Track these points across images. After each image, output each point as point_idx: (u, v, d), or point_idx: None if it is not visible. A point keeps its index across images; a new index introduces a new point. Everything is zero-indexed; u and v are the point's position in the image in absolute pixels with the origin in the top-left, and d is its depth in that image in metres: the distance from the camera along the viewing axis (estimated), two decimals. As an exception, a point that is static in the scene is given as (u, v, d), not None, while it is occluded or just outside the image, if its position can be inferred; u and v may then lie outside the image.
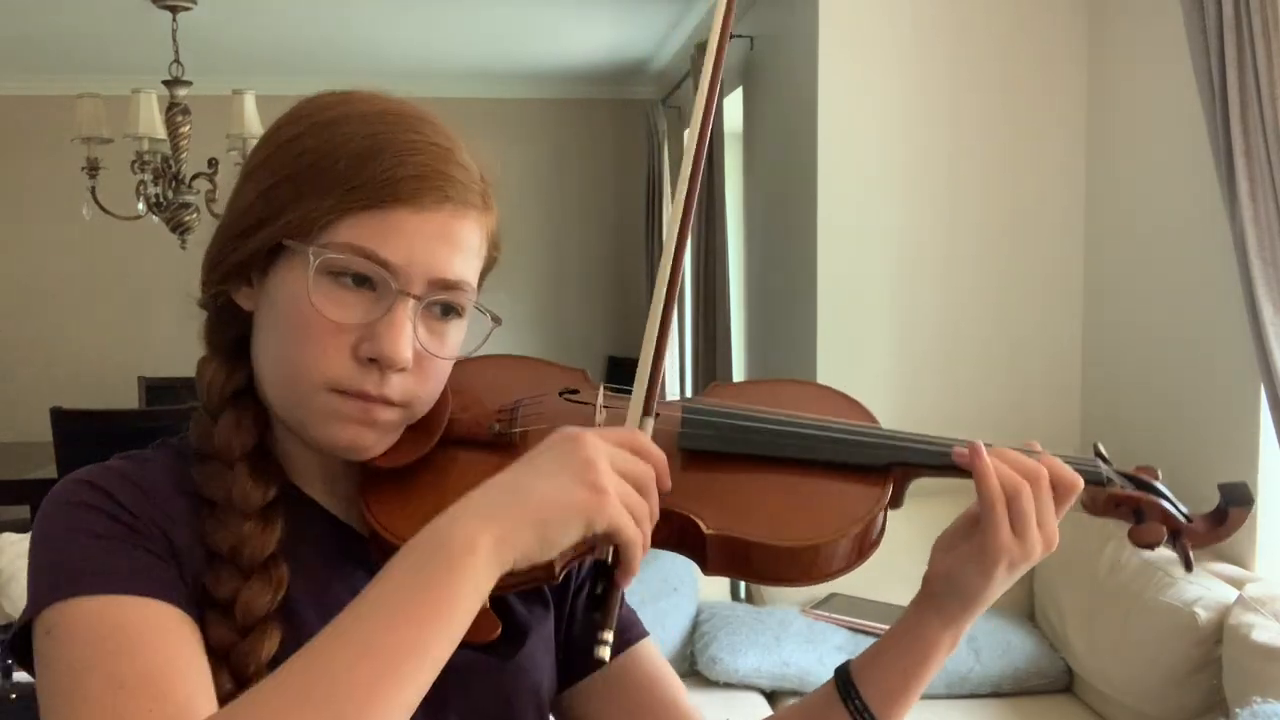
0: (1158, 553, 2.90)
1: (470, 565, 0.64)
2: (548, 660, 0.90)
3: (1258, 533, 2.57)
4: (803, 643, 2.80)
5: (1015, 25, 3.34)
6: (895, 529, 0.83)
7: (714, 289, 4.32)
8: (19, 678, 2.12)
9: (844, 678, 0.85)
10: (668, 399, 0.87)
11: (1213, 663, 2.35)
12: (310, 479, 0.84)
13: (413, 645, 0.62)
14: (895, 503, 0.83)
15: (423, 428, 0.82)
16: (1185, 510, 0.85)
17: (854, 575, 0.77)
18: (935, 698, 2.72)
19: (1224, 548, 2.63)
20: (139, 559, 0.71)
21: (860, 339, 3.35)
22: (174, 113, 4.07)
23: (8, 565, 2.59)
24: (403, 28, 5.15)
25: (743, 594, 3.35)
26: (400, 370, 0.76)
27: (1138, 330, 3.09)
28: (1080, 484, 0.80)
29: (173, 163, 4.14)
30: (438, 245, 0.76)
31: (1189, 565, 0.84)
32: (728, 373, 4.28)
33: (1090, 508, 0.85)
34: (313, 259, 0.74)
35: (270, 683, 0.62)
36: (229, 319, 0.82)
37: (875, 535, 0.81)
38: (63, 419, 4.07)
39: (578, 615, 0.93)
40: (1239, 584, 2.42)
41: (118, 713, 0.64)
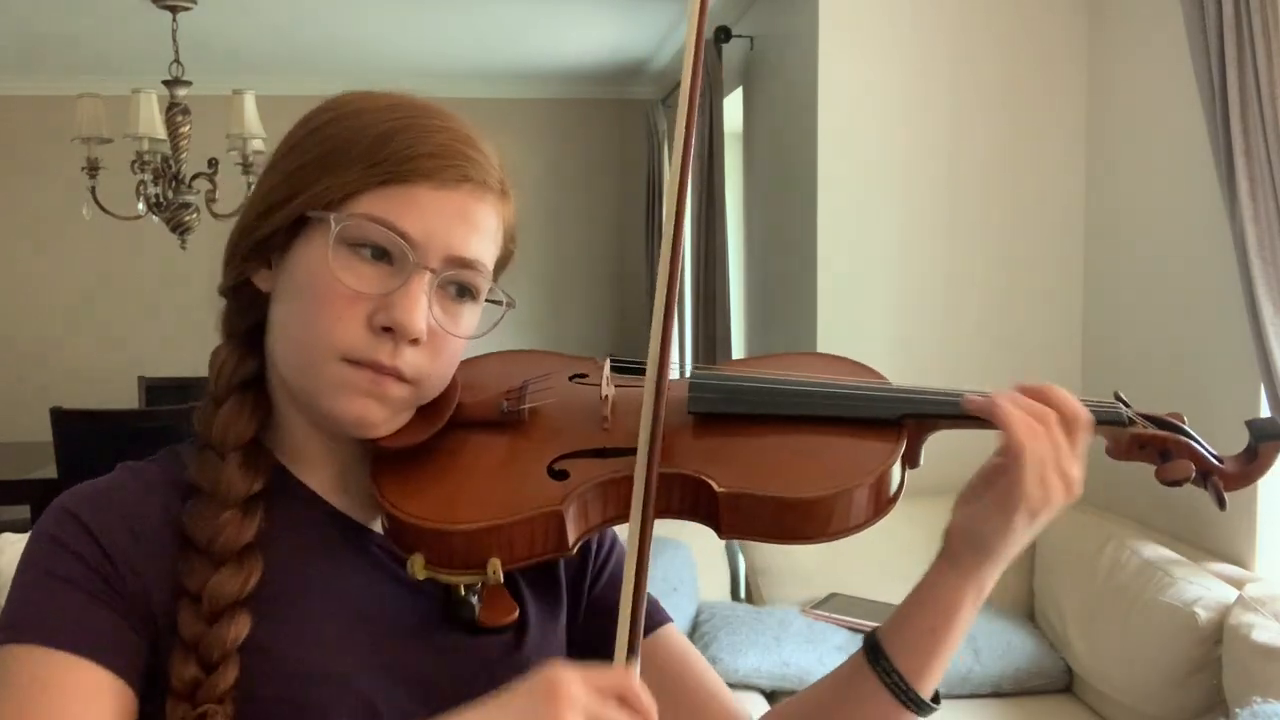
0: (1158, 552, 2.87)
1: None
2: (556, 659, 0.89)
3: (1258, 533, 2.57)
4: (803, 643, 2.80)
5: (1015, 24, 3.34)
6: (895, 529, 0.82)
7: (714, 289, 4.33)
8: None
9: (871, 642, 0.83)
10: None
11: (1213, 663, 2.35)
12: (313, 468, 0.84)
13: None
14: (912, 460, 0.82)
15: (431, 410, 0.83)
16: (1214, 451, 0.83)
17: (854, 575, 0.77)
18: (935, 698, 2.71)
19: (1224, 547, 2.63)
20: (93, 615, 0.73)
21: (860, 339, 3.35)
22: (174, 113, 4.07)
23: (7, 565, 2.59)
24: (403, 28, 5.15)
25: (743, 594, 3.35)
26: (413, 343, 0.77)
27: (1137, 330, 3.09)
28: (1089, 417, 0.78)
29: (173, 163, 4.14)
30: (455, 222, 0.78)
31: (1222, 503, 0.81)
32: (728, 373, 4.27)
33: (1114, 451, 0.83)
34: (334, 225, 0.76)
35: None
36: (246, 306, 0.84)
37: (892, 490, 0.79)
38: (63, 419, 4.07)
39: (594, 604, 0.93)
40: (1239, 584, 2.42)
41: None
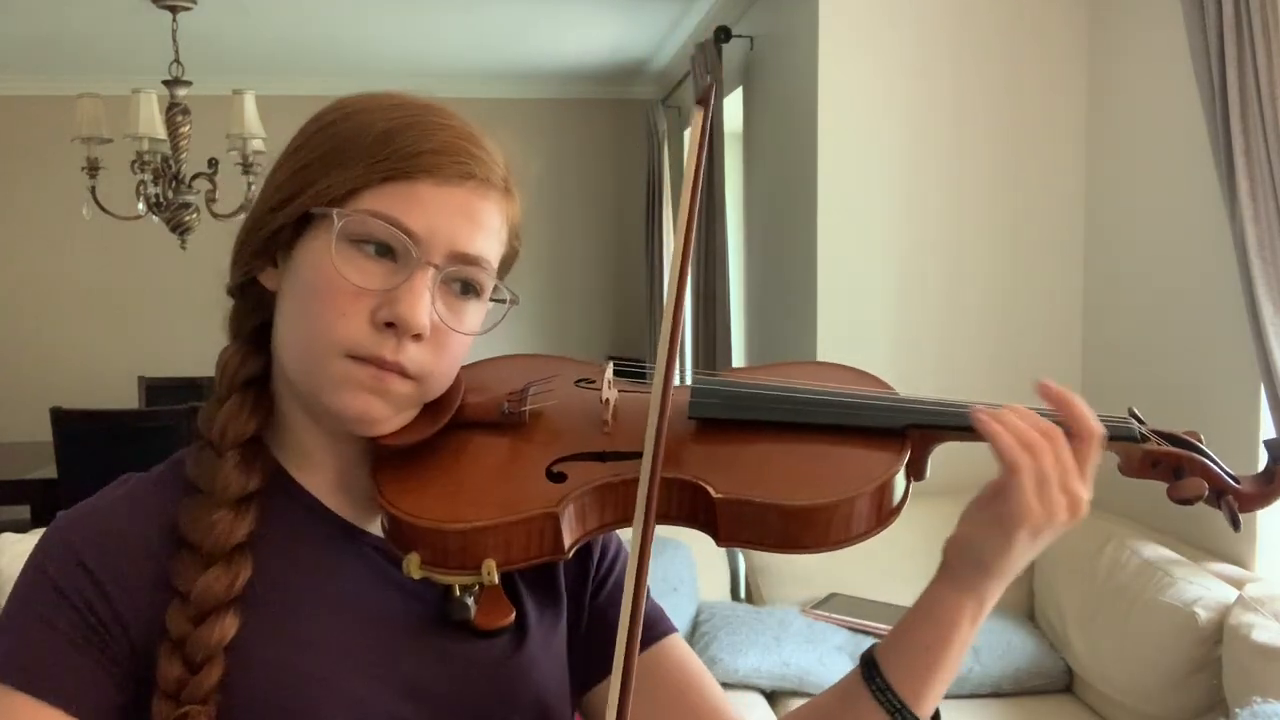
0: (1158, 552, 2.87)
1: None
2: (553, 669, 0.88)
3: (1258, 533, 2.57)
4: (803, 643, 2.80)
5: (1015, 24, 3.34)
6: (897, 531, 0.81)
7: (714, 289, 4.32)
8: None
9: (867, 659, 0.81)
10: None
11: (1213, 663, 2.35)
12: (313, 469, 0.84)
13: None
14: (918, 472, 0.80)
15: (433, 409, 0.83)
16: (1231, 471, 0.80)
17: (854, 575, 0.76)
18: (935, 698, 2.71)
19: (1224, 547, 2.63)
20: (75, 662, 0.74)
21: (860, 339, 3.35)
22: (174, 113, 4.07)
23: (7, 565, 2.59)
24: (403, 28, 5.15)
25: (743, 594, 3.35)
26: (416, 338, 0.77)
27: (1137, 330, 3.09)
28: (1099, 431, 0.75)
29: (173, 163, 4.15)
30: (459, 219, 0.78)
31: (1236, 523, 0.78)
32: (728, 374, 4.27)
33: (1126, 469, 0.80)
34: (337, 220, 0.76)
35: None
36: (253, 305, 0.84)
37: (894, 501, 0.78)
38: (63, 419, 4.08)
39: (595, 613, 0.92)
40: (1239, 584, 2.42)
41: None
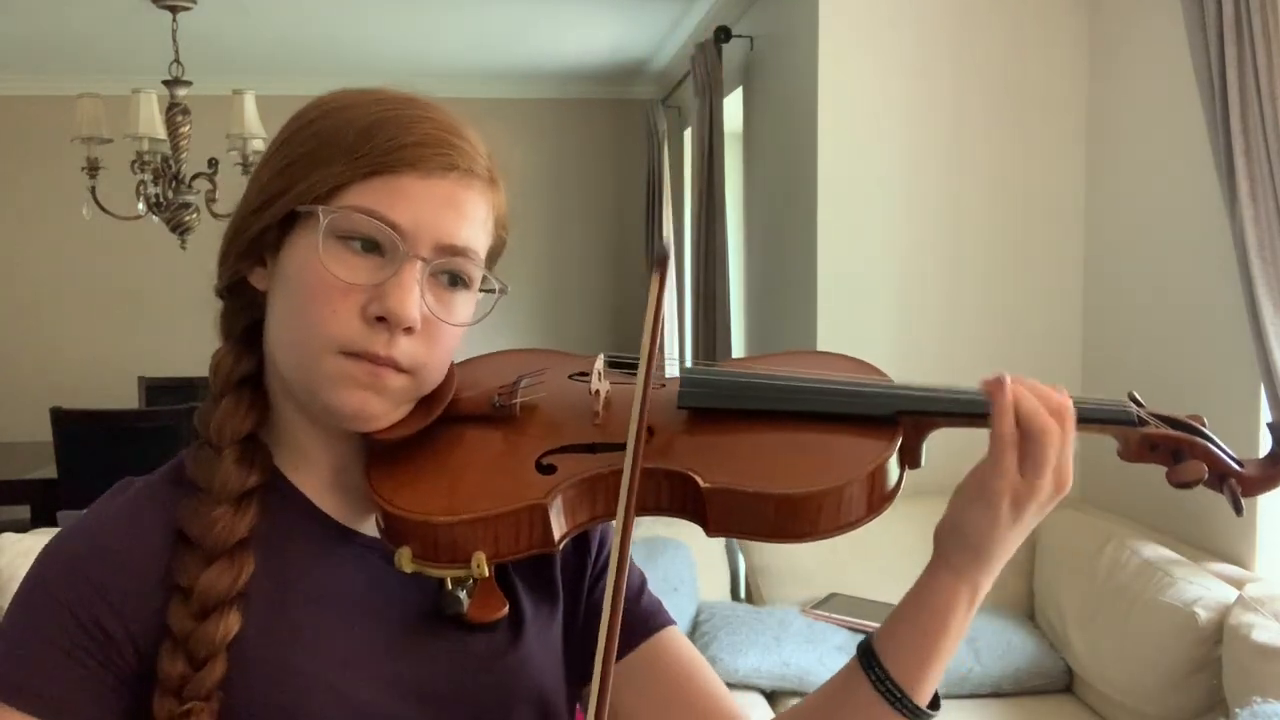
0: (1158, 552, 2.86)
1: None
2: (550, 663, 0.88)
3: (1258, 533, 2.57)
4: (803, 643, 2.80)
5: (1015, 24, 3.34)
6: (895, 529, 0.81)
7: (714, 289, 4.33)
8: None
9: (865, 648, 0.82)
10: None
11: (1213, 663, 2.35)
12: (308, 467, 0.85)
13: None
14: (912, 459, 0.80)
15: (425, 403, 0.83)
16: (1234, 454, 0.79)
17: (854, 575, 0.76)
18: (935, 698, 2.71)
19: (1224, 547, 2.63)
20: (71, 677, 0.74)
21: (860, 339, 3.35)
22: (174, 113, 4.08)
23: (7, 565, 2.58)
24: (403, 28, 5.15)
25: (743, 594, 3.35)
26: (408, 331, 0.77)
27: (1138, 331, 3.09)
28: (1069, 407, 0.76)
29: (173, 163, 4.15)
30: (444, 210, 0.78)
31: (1239, 508, 0.77)
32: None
33: (1124, 453, 0.80)
34: (322, 217, 0.77)
35: None
36: (243, 305, 0.85)
37: (887, 488, 0.77)
38: (63, 419, 4.08)
39: (593, 607, 0.92)
40: (1239, 584, 2.42)
41: None
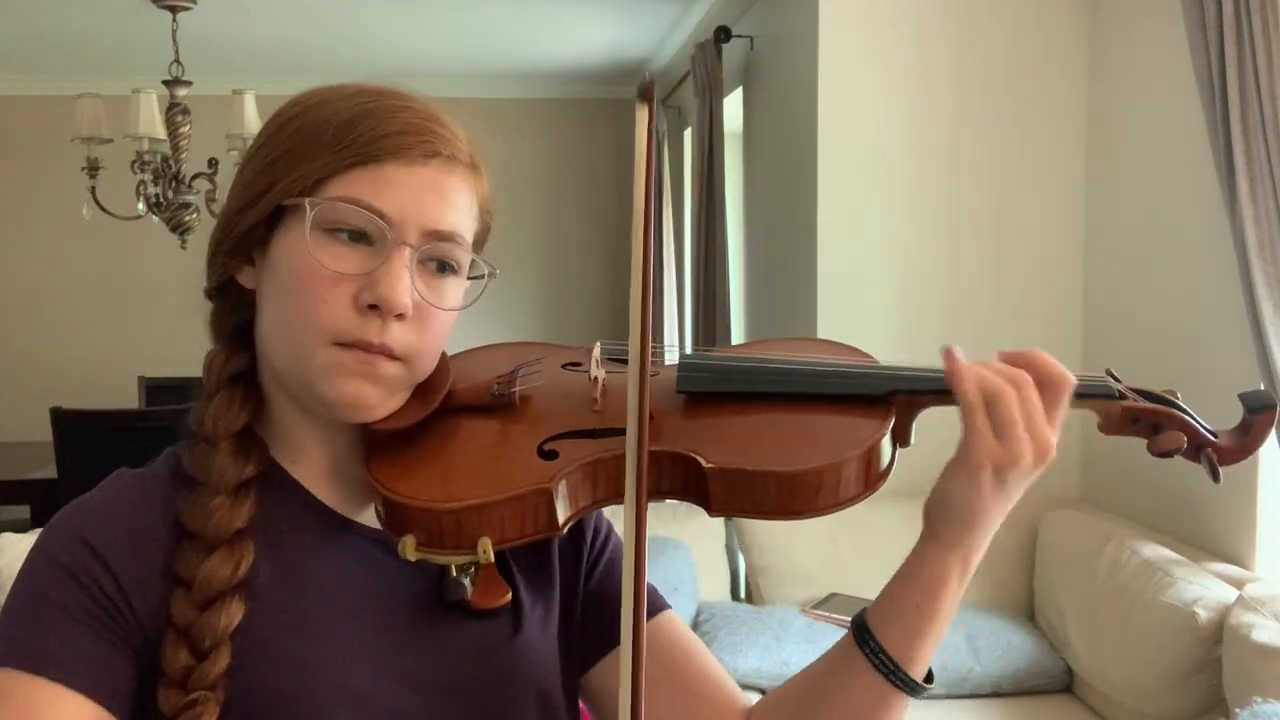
0: (1158, 552, 2.86)
1: None
2: (548, 650, 0.89)
3: (1258, 533, 2.56)
4: (803, 643, 2.80)
5: (1015, 23, 3.34)
6: (895, 529, 0.82)
7: (714, 288, 4.32)
8: None
9: (859, 623, 0.83)
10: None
11: (1213, 663, 2.35)
12: (305, 460, 0.85)
13: None
14: (903, 438, 0.82)
15: (423, 393, 0.84)
16: (1208, 426, 0.82)
17: (854, 575, 0.77)
18: (935, 698, 2.71)
19: (1224, 547, 2.63)
20: (86, 644, 0.74)
21: (860, 339, 3.33)
22: (174, 113, 4.08)
23: (7, 565, 2.59)
24: (402, 28, 5.15)
25: (743, 594, 3.35)
26: (400, 318, 0.78)
27: (1138, 330, 3.09)
28: (1070, 380, 0.77)
29: (173, 163, 4.15)
30: (428, 196, 0.79)
31: (1216, 475, 0.80)
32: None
33: (1106, 426, 0.82)
34: (309, 209, 0.77)
35: None
36: (233, 305, 0.85)
37: (881, 466, 0.80)
38: (63, 419, 4.07)
39: (591, 596, 0.93)
40: (1239, 584, 2.42)
41: None
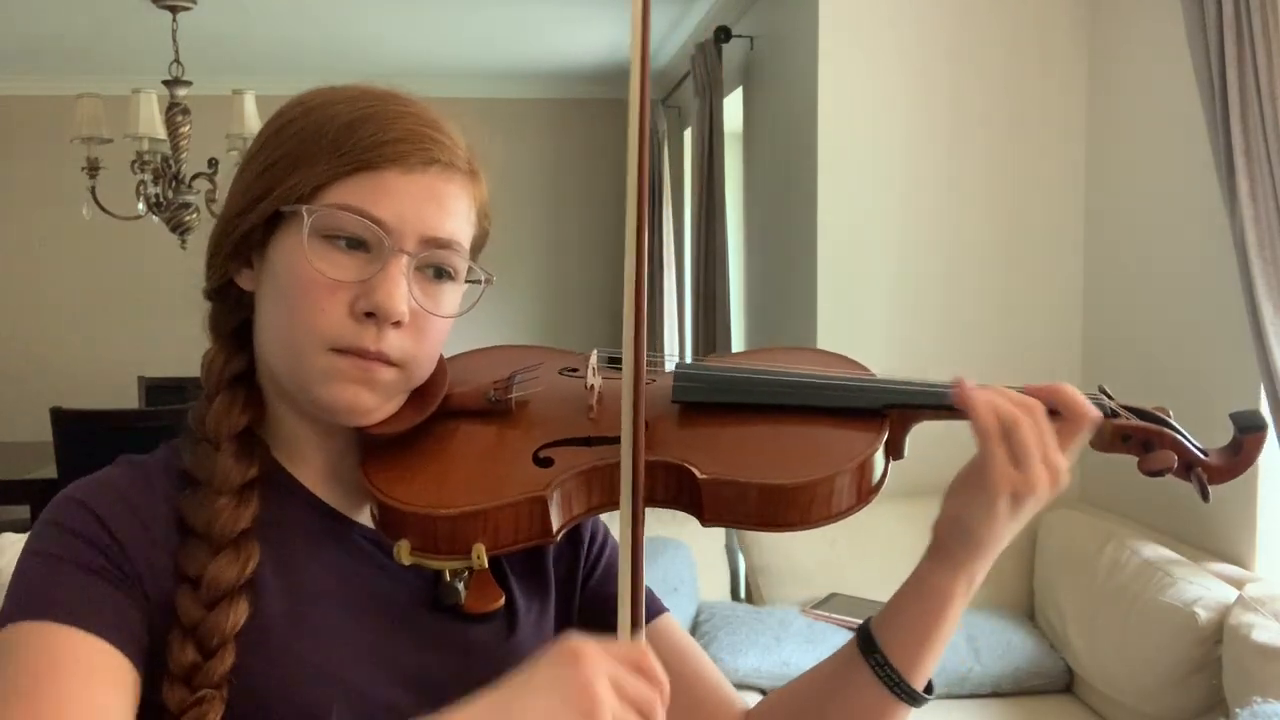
0: (1158, 552, 2.86)
1: None
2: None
3: (1258, 533, 2.57)
4: (803, 643, 2.80)
5: (1016, 23, 3.34)
6: (894, 529, 0.83)
7: (714, 288, 4.32)
8: None
9: (864, 633, 0.84)
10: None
11: (1213, 663, 2.35)
12: (304, 461, 0.85)
13: None
14: (896, 451, 0.83)
15: (420, 398, 0.84)
16: (1199, 444, 0.83)
17: (854, 575, 0.77)
18: (935, 697, 2.71)
19: (1224, 547, 2.63)
20: (99, 593, 0.74)
21: (860, 339, 3.35)
22: (174, 113, 4.08)
23: (7, 565, 2.59)
24: (402, 27, 5.15)
25: (743, 594, 3.34)
26: (396, 326, 0.78)
27: (1137, 330, 3.09)
28: (1087, 408, 0.78)
29: (173, 163, 4.15)
30: (427, 204, 0.79)
31: (1206, 495, 0.81)
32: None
33: (1097, 444, 0.83)
34: (307, 217, 0.77)
35: None
36: (231, 306, 0.85)
37: (874, 479, 0.81)
38: (63, 419, 4.07)
39: (589, 600, 0.93)
40: (1239, 584, 2.42)
41: None
